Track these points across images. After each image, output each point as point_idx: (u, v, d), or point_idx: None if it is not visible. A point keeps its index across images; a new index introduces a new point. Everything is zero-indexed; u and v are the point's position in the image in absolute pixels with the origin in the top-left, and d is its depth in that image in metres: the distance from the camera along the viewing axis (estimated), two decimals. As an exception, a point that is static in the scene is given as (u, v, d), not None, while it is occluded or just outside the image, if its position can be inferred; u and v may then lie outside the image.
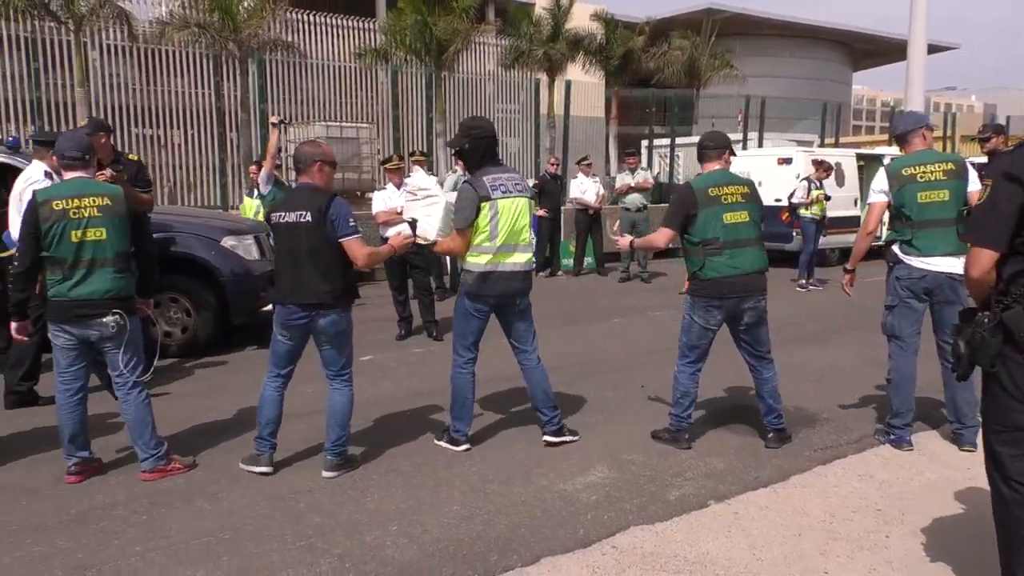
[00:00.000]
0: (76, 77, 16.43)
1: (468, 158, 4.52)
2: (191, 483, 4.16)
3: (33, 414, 5.36)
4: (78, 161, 4.16)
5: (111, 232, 4.05)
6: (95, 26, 16.98)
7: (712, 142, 4.62)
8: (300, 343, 4.27)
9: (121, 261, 4.10)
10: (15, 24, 16.26)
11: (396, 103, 15.43)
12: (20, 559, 3.33)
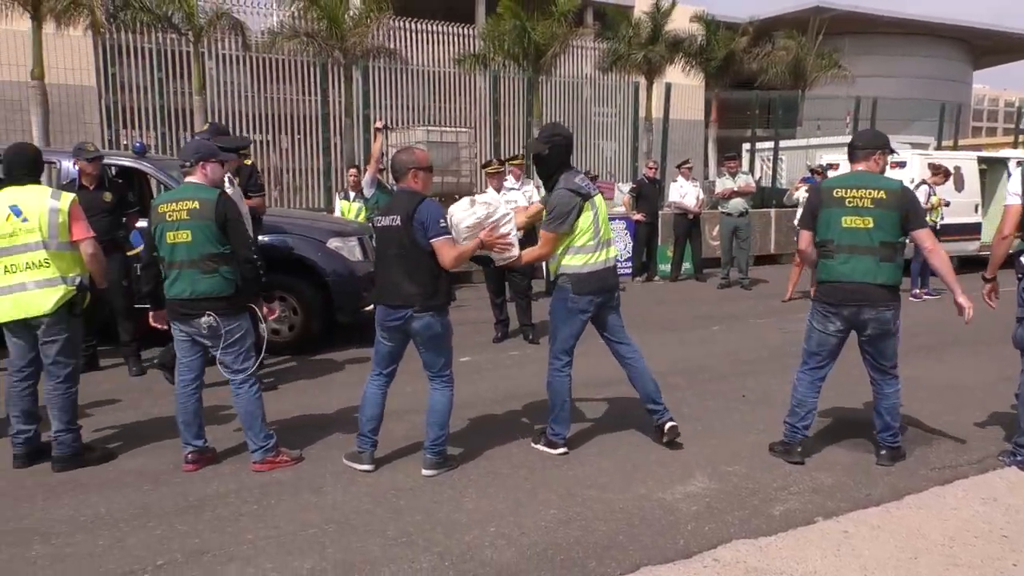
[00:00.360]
0: (194, 85, 17.33)
1: (546, 163, 4.55)
2: (299, 476, 4.31)
3: (156, 403, 5.66)
4: (186, 167, 4.39)
5: (196, 235, 4.18)
6: (212, 37, 17.88)
7: (860, 141, 4.41)
8: (399, 344, 4.36)
9: (207, 263, 4.19)
10: (141, 37, 17.32)
11: (496, 107, 15.59)
12: (143, 541, 3.52)
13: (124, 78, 17.77)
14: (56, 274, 4.27)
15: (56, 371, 4.33)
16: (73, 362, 4.38)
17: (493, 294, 7.97)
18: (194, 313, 4.23)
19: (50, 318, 4.25)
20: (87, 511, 3.83)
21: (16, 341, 4.37)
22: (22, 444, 4.40)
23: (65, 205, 4.29)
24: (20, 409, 4.39)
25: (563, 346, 4.60)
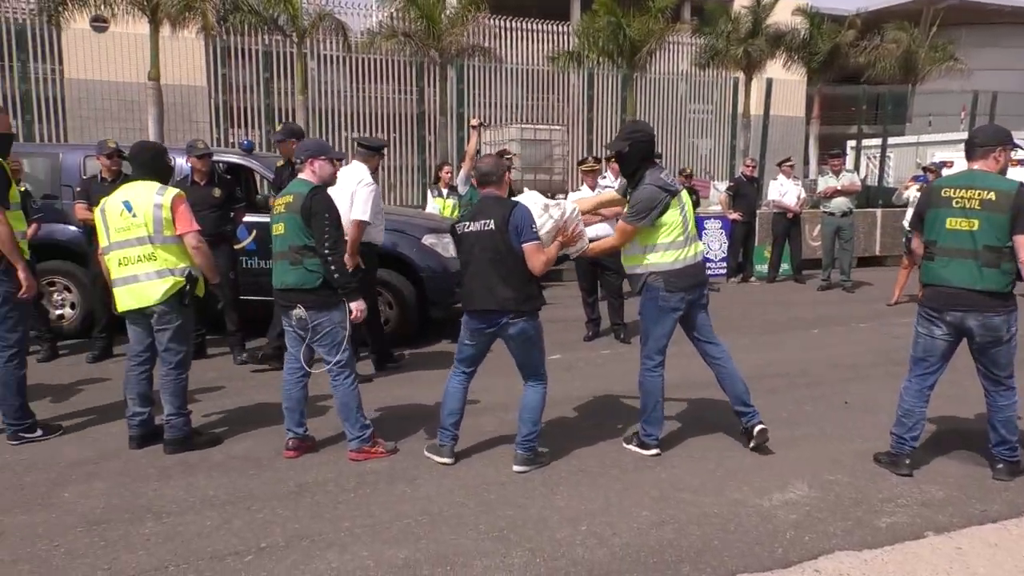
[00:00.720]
0: (297, 85, 17.94)
1: (628, 160, 4.51)
2: (393, 467, 4.39)
3: (260, 390, 5.88)
4: (296, 163, 4.59)
5: (288, 227, 4.36)
6: (315, 38, 18.46)
7: (980, 137, 4.16)
8: (485, 348, 4.43)
9: (294, 255, 4.33)
10: (248, 39, 18.05)
11: (590, 105, 15.51)
12: (248, 523, 3.66)
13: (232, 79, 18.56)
14: (164, 266, 4.48)
15: (168, 358, 4.56)
16: (184, 349, 4.59)
17: (585, 292, 7.93)
18: (288, 305, 4.40)
19: (161, 307, 4.47)
20: (196, 492, 4.01)
21: (134, 328, 4.63)
22: (137, 426, 4.64)
23: (167, 200, 4.49)
24: (136, 392, 4.63)
25: (655, 345, 4.53)
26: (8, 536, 3.49)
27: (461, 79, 14.99)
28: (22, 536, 3.49)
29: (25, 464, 4.35)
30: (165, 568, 3.24)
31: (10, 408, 4.64)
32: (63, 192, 7.38)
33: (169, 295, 4.47)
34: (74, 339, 7.32)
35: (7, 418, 4.66)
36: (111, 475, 4.22)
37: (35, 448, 4.61)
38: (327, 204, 4.38)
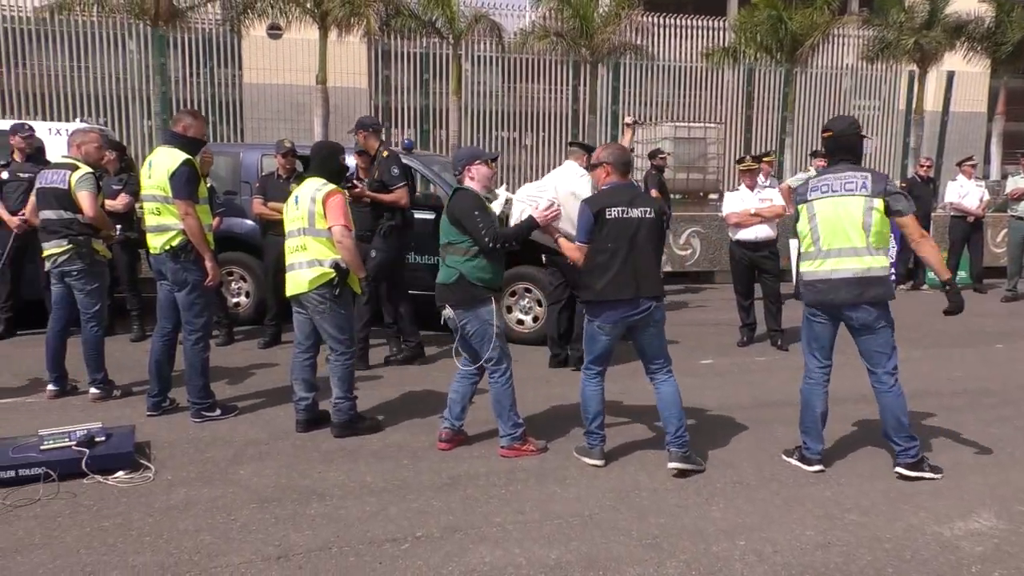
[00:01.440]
0: (452, 86, 18.43)
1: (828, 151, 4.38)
2: (544, 465, 4.39)
3: (415, 382, 6.06)
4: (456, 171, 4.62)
5: (442, 228, 4.46)
6: (470, 39, 18.90)
7: None
8: (616, 341, 4.36)
9: (442, 252, 4.47)
10: (408, 42, 18.73)
11: (749, 102, 14.96)
12: (404, 512, 3.77)
13: (393, 80, 19.31)
14: (314, 257, 4.70)
15: (332, 345, 4.78)
16: (345, 337, 4.79)
17: (740, 296, 7.63)
18: (440, 304, 4.48)
19: (314, 296, 4.68)
20: (355, 478, 4.18)
21: (298, 316, 4.89)
22: (303, 411, 4.90)
23: (320, 196, 4.69)
24: (301, 378, 4.89)
25: (808, 350, 4.36)
26: (193, 507, 3.77)
27: (616, 77, 14.87)
28: (205, 508, 3.75)
29: (207, 440, 4.69)
30: (328, 549, 3.38)
31: (194, 388, 5.02)
32: (242, 188, 7.93)
33: (317, 284, 4.67)
34: (248, 325, 7.83)
35: (191, 397, 5.04)
36: (281, 456, 4.47)
37: (215, 426, 4.95)
38: (468, 201, 4.42)
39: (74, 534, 3.47)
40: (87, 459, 4.05)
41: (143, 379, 5.62)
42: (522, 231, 4.56)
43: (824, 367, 4.31)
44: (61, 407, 5.29)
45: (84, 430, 4.24)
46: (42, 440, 4.16)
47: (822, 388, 4.31)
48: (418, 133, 15.84)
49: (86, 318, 5.37)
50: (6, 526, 3.53)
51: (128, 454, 4.19)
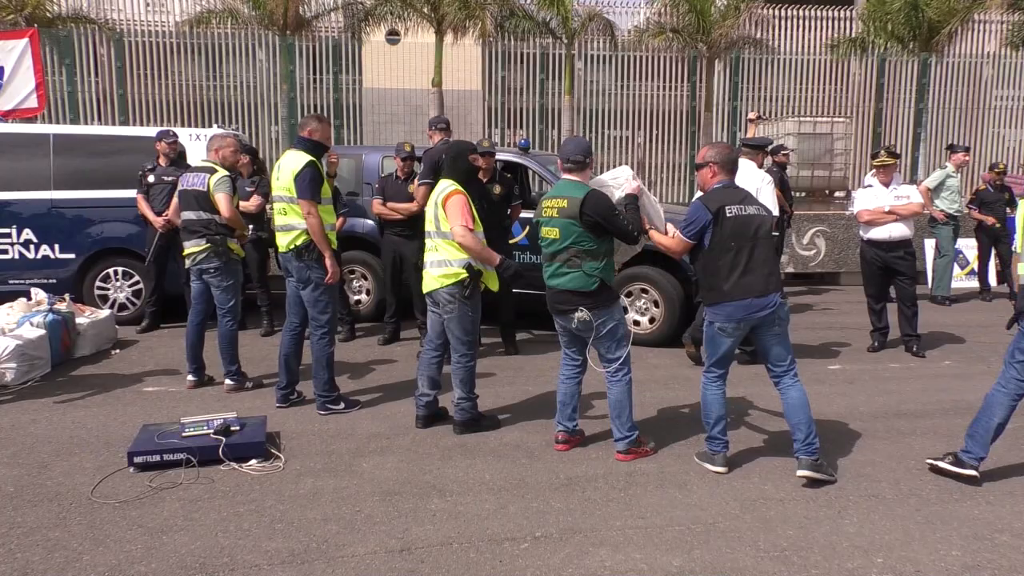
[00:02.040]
0: (564, 85, 18.41)
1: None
2: (663, 469, 4.29)
3: (529, 381, 6.07)
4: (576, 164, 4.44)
5: (563, 232, 4.28)
6: (583, 38, 18.81)
7: None
8: (739, 341, 4.23)
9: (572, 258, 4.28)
10: (521, 43, 18.84)
11: (879, 94, 14.22)
12: (523, 510, 3.77)
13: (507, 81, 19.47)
14: (442, 257, 4.75)
15: (455, 345, 4.83)
16: (469, 339, 4.83)
17: (872, 299, 7.22)
18: (567, 308, 4.37)
19: (443, 296, 4.73)
20: (474, 475, 4.21)
21: (432, 316, 4.98)
22: (423, 406, 4.99)
23: (440, 198, 4.73)
24: (427, 376, 4.98)
25: (1011, 362, 4.05)
26: (320, 496, 3.89)
27: (736, 72, 14.44)
28: (331, 498, 3.88)
29: (331, 433, 4.85)
30: (449, 544, 3.41)
31: (320, 381, 5.20)
32: (364, 189, 8.17)
33: (446, 284, 4.72)
34: (368, 322, 8.06)
35: (317, 390, 5.23)
36: (401, 451, 4.57)
37: (338, 419, 5.11)
38: (606, 201, 4.35)
39: (212, 517, 3.65)
40: (223, 447, 4.26)
41: (272, 372, 5.87)
42: (637, 215, 4.41)
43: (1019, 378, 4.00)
44: (199, 397, 5.60)
45: (221, 419, 4.47)
46: (183, 428, 4.41)
47: (1011, 400, 4.01)
48: (533, 133, 15.89)
49: (221, 313, 5.66)
50: (153, 507, 3.75)
51: (260, 444, 4.39)
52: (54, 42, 15.57)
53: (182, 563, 3.23)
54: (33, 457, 4.41)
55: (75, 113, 16.07)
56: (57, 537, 3.45)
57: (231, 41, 17.80)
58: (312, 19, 18.17)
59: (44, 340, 6.14)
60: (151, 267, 7.58)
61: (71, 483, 4.04)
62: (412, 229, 7.06)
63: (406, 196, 7.03)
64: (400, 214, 7.03)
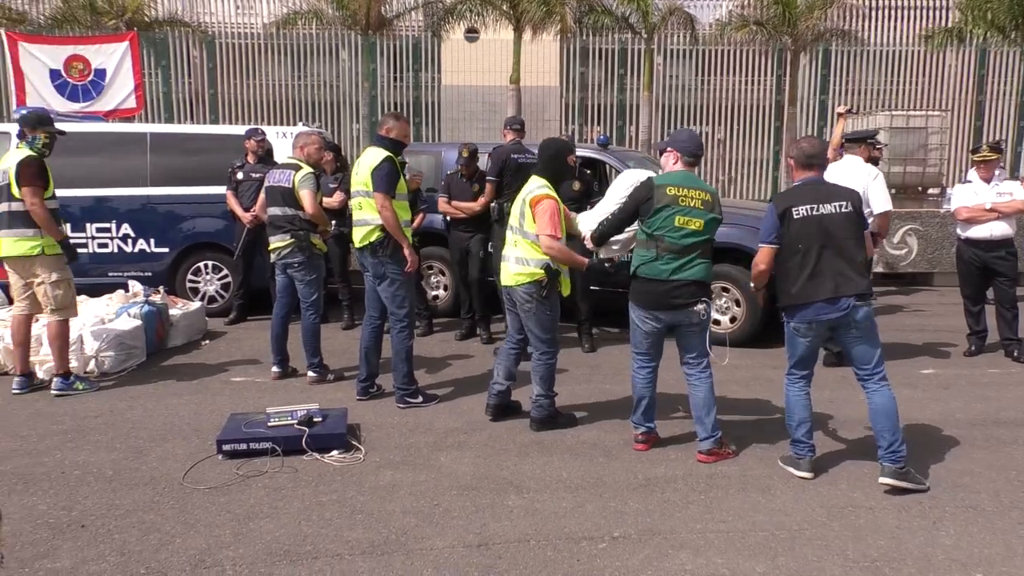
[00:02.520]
0: (643, 81, 18.19)
1: None
2: (745, 473, 4.18)
3: (606, 379, 6.02)
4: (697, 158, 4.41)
5: (707, 226, 4.22)
6: (663, 33, 18.55)
7: None
8: (820, 343, 4.11)
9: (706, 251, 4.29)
10: (600, 38, 18.71)
11: (980, 87, 13.54)
12: (600, 509, 3.73)
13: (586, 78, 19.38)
14: (521, 255, 4.74)
15: (535, 343, 4.83)
16: (548, 337, 4.81)
17: (969, 300, 6.87)
18: (685, 303, 4.22)
19: (522, 294, 4.72)
20: (551, 473, 4.19)
21: (510, 312, 5.00)
22: (495, 395, 5.02)
23: (529, 198, 4.69)
24: (504, 367, 5.01)
25: None
26: (399, 489, 3.94)
27: (826, 64, 13.99)
28: (409, 491, 3.92)
29: (409, 427, 4.91)
30: (527, 541, 3.41)
31: (399, 374, 5.28)
32: (442, 186, 8.23)
33: (523, 283, 4.71)
34: (445, 317, 8.14)
35: (396, 383, 5.30)
36: (478, 446, 4.58)
37: (417, 413, 5.17)
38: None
39: (296, 506, 3.74)
40: (307, 437, 4.36)
41: (352, 364, 5.99)
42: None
43: None
44: (284, 388, 5.75)
45: (304, 410, 4.58)
46: (269, 418, 4.54)
47: None
48: (612, 129, 15.76)
49: (304, 306, 5.80)
50: (240, 494, 3.87)
51: (342, 435, 4.47)
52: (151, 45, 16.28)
53: (268, 549, 3.32)
54: (129, 442, 4.61)
55: (169, 112, 16.76)
56: (151, 520, 3.59)
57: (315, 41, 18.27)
58: (393, 18, 18.48)
59: (140, 330, 6.42)
60: (239, 261, 7.83)
61: (164, 468, 4.21)
62: (477, 226, 7.14)
63: (470, 195, 7.10)
64: (464, 213, 7.10)
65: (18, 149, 5.49)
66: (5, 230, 5.40)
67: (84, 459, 4.33)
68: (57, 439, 4.65)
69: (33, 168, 5.35)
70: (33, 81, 10.08)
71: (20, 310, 5.56)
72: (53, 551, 3.29)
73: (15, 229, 5.39)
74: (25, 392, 5.55)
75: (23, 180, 5.31)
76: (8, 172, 5.35)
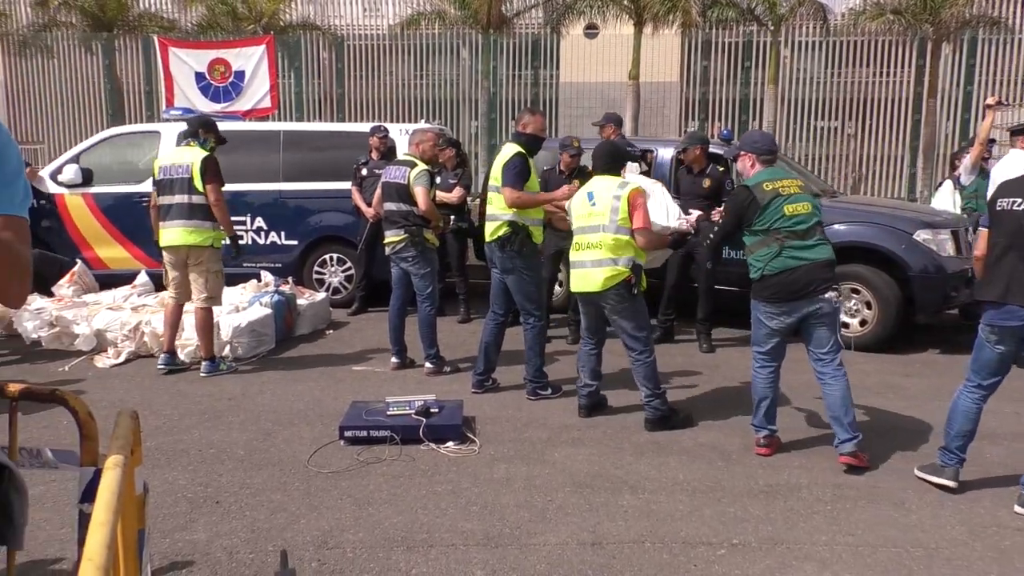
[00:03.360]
0: (769, 74, 17.56)
1: None
2: (875, 484, 3.96)
3: (724, 381, 5.84)
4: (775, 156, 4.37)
5: (813, 205, 4.24)
6: (791, 24, 17.85)
7: None
8: (1014, 350, 3.72)
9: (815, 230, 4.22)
10: (724, 32, 18.21)
11: None
12: (719, 515, 3.61)
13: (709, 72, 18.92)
14: (607, 256, 4.63)
15: (630, 343, 4.75)
16: (642, 334, 4.72)
17: None
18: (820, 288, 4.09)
19: (611, 295, 4.64)
20: (667, 474, 4.10)
21: (586, 311, 4.94)
22: (585, 396, 5.00)
23: (626, 194, 4.61)
24: (587, 368, 4.99)
25: None
26: (513, 483, 3.96)
27: (972, 53, 13.08)
28: (523, 485, 3.93)
29: (524, 421, 4.92)
30: (641, 543, 3.34)
31: (532, 367, 5.35)
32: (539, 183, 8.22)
33: (613, 284, 4.62)
34: (560, 313, 8.11)
35: (528, 376, 5.37)
36: (593, 443, 4.55)
37: (531, 408, 5.18)
38: None
39: (413, 494, 3.82)
40: (424, 427, 4.45)
41: (468, 357, 6.06)
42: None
43: None
44: (402, 378, 5.90)
45: (422, 401, 4.67)
46: (388, 406, 4.66)
47: None
48: (734, 124, 15.32)
49: (420, 299, 5.93)
50: (360, 480, 3.99)
51: (457, 426, 4.54)
52: (285, 48, 17.08)
53: (386, 535, 3.40)
54: (259, 425, 4.84)
55: (300, 111, 17.54)
56: (279, 500, 3.76)
57: (437, 41, 18.66)
58: (514, 16, 18.63)
59: (270, 319, 6.74)
60: (362, 254, 8.09)
61: (290, 451, 4.39)
62: None
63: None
64: (561, 209, 7.00)
65: (188, 148, 5.90)
66: (184, 220, 5.79)
67: (219, 438, 4.59)
68: (195, 419, 4.94)
69: (216, 166, 5.78)
70: (181, 83, 10.77)
71: (175, 298, 5.98)
72: (190, 524, 3.50)
73: (194, 220, 5.78)
74: (168, 369, 5.95)
75: (208, 176, 5.72)
76: (192, 166, 5.75)
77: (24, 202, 1.53)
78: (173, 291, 5.97)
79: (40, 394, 1.88)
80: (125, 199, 8.36)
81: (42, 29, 19.83)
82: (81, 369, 6.09)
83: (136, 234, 8.21)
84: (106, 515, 1.34)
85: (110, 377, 5.90)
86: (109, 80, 18.78)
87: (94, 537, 1.26)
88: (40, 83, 19.93)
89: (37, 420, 4.58)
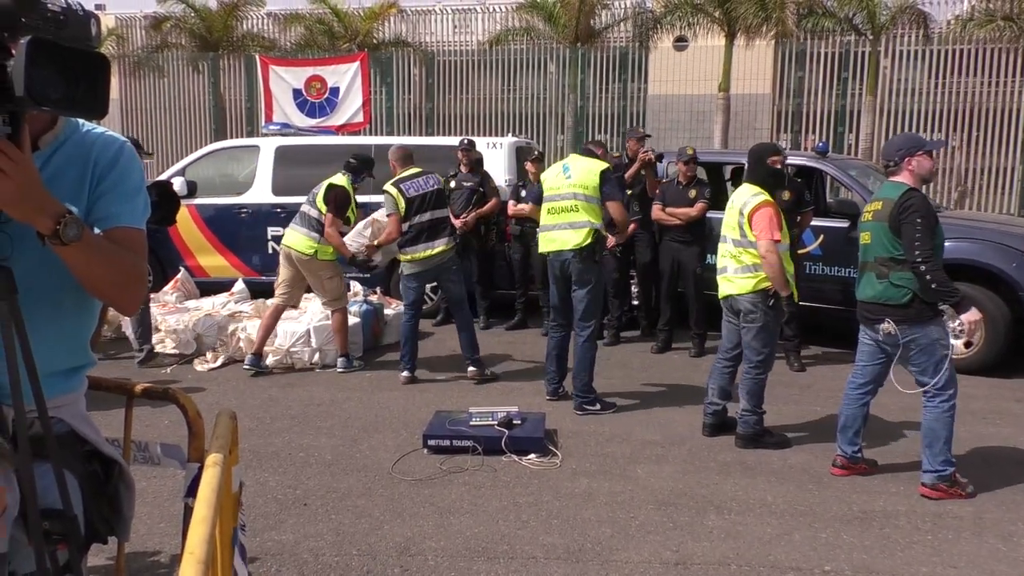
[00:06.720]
0: (867, 85, 16.97)
1: None
2: (981, 515, 3.74)
3: (816, 401, 5.64)
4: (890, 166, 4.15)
5: (874, 237, 4.01)
6: (891, 33, 17.21)
7: None
8: None
9: (880, 267, 3.96)
10: (820, 42, 17.71)
11: None
12: (809, 539, 3.48)
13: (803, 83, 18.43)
14: (740, 264, 4.61)
15: (749, 355, 4.67)
16: (765, 351, 4.62)
17: None
18: (874, 318, 4.04)
19: (746, 305, 4.59)
20: (754, 495, 3.98)
21: (728, 324, 4.87)
22: (711, 415, 4.87)
23: (748, 208, 4.53)
24: (717, 385, 4.87)
25: None
26: (595, 498, 3.92)
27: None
28: (605, 501, 3.89)
29: (606, 436, 4.87)
30: (727, 565, 3.25)
31: (580, 382, 5.29)
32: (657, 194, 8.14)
33: (746, 292, 4.58)
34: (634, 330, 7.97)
35: (576, 390, 5.32)
36: (677, 461, 4.46)
37: (613, 423, 5.11)
38: (921, 207, 3.89)
39: (494, 505, 3.83)
40: (506, 439, 4.46)
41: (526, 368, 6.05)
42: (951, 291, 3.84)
43: None
44: (484, 389, 5.92)
45: (504, 412, 4.69)
46: (471, 417, 4.70)
47: None
48: (830, 136, 14.85)
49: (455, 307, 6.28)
50: (442, 488, 4.03)
51: (539, 439, 4.53)
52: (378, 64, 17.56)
53: (467, 545, 3.42)
54: (346, 431, 4.95)
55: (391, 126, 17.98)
56: (363, 505, 3.83)
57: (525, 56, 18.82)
58: (602, 30, 18.62)
59: (359, 327, 6.90)
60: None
61: (375, 457, 4.48)
62: (691, 235, 6.93)
63: (686, 201, 6.91)
64: (679, 219, 6.91)
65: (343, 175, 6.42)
66: (298, 226, 6.29)
67: (308, 443, 4.72)
68: (286, 423, 5.10)
69: (341, 199, 6.23)
70: (279, 99, 11.22)
71: (280, 301, 6.34)
72: (279, 524, 3.60)
73: (304, 228, 6.25)
74: (254, 371, 6.20)
75: (329, 204, 6.17)
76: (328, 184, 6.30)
77: (143, 216, 1.62)
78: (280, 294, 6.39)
79: (155, 393, 1.99)
80: (226, 210, 8.72)
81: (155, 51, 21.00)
82: (181, 372, 6.37)
83: (234, 243, 8.55)
84: (206, 511, 1.39)
85: (207, 380, 6.15)
86: (213, 97, 19.72)
87: (195, 532, 1.32)
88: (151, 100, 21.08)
89: (142, 419, 4.82)
